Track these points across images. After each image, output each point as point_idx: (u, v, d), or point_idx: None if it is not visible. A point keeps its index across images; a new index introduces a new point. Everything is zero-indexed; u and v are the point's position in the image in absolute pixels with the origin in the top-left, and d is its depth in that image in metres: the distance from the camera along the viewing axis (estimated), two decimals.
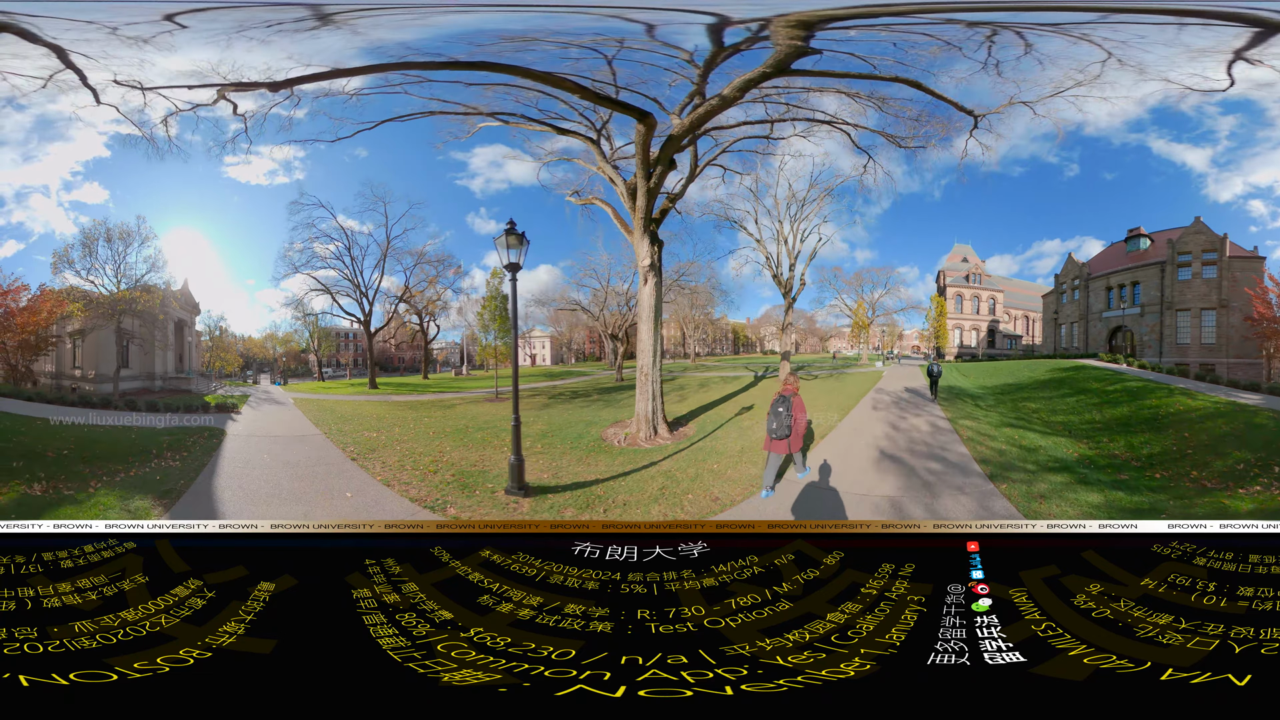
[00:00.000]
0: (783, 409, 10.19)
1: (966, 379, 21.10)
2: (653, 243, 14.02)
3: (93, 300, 13.89)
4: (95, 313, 14.09)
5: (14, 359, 13.59)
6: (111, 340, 14.76)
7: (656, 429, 13.36)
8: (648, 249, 13.85)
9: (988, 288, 24.11)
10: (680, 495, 10.74)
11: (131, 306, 14.39)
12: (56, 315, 13.69)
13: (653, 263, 13.97)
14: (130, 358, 15.29)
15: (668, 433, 13.55)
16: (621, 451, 12.57)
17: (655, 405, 13.35)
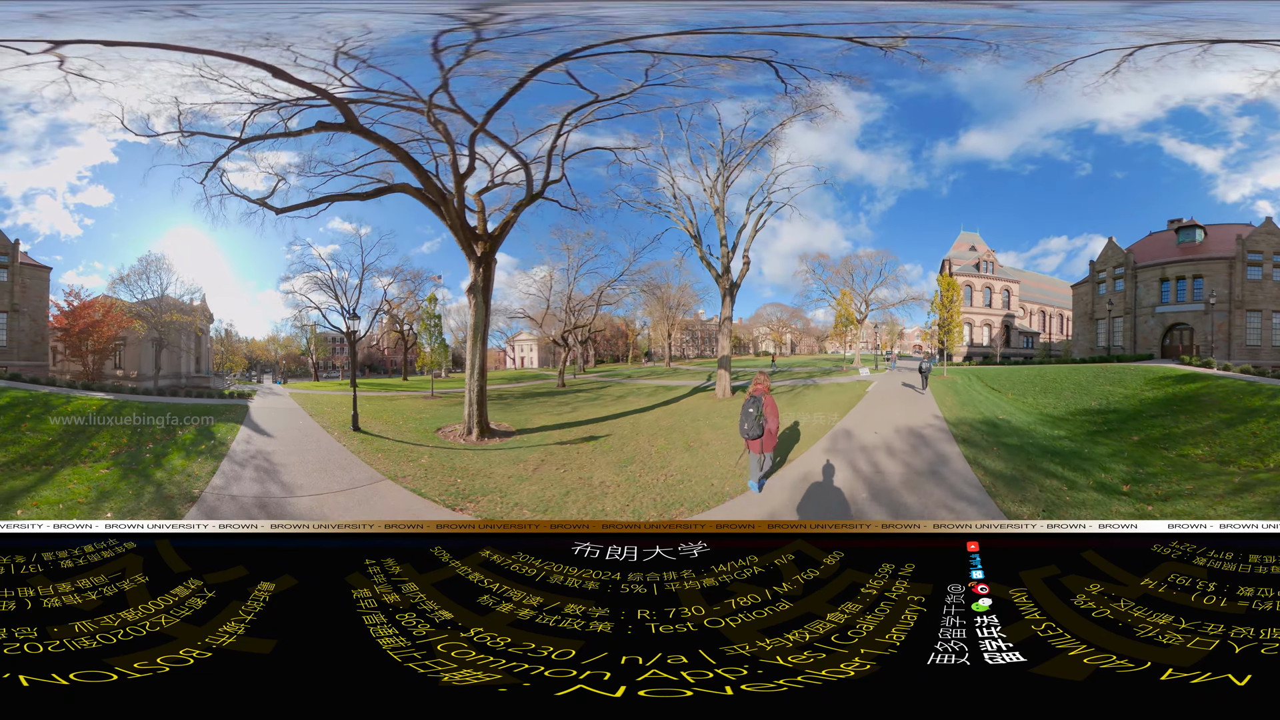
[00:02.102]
0: (753, 409, 10.19)
1: (1001, 397, 16.68)
2: (477, 265, 15.01)
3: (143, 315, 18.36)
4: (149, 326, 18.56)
5: (90, 362, 17.54)
6: (149, 346, 18.96)
7: (471, 430, 14.80)
8: (471, 270, 15.06)
9: (1001, 277, 20.55)
10: (426, 477, 12.13)
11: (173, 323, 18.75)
12: (125, 327, 18.09)
13: (474, 284, 15.03)
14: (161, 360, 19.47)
15: (478, 436, 14.75)
16: (440, 442, 14.44)
17: (472, 411, 14.89)
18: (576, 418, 17.01)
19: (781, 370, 24.26)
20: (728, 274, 19.02)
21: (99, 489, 10.21)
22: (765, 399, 10.32)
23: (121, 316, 17.89)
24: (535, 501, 10.96)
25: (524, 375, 25.87)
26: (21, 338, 17.34)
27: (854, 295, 21.13)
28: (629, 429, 15.35)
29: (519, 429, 15.37)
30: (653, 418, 16.69)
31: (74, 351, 17.66)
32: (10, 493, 9.74)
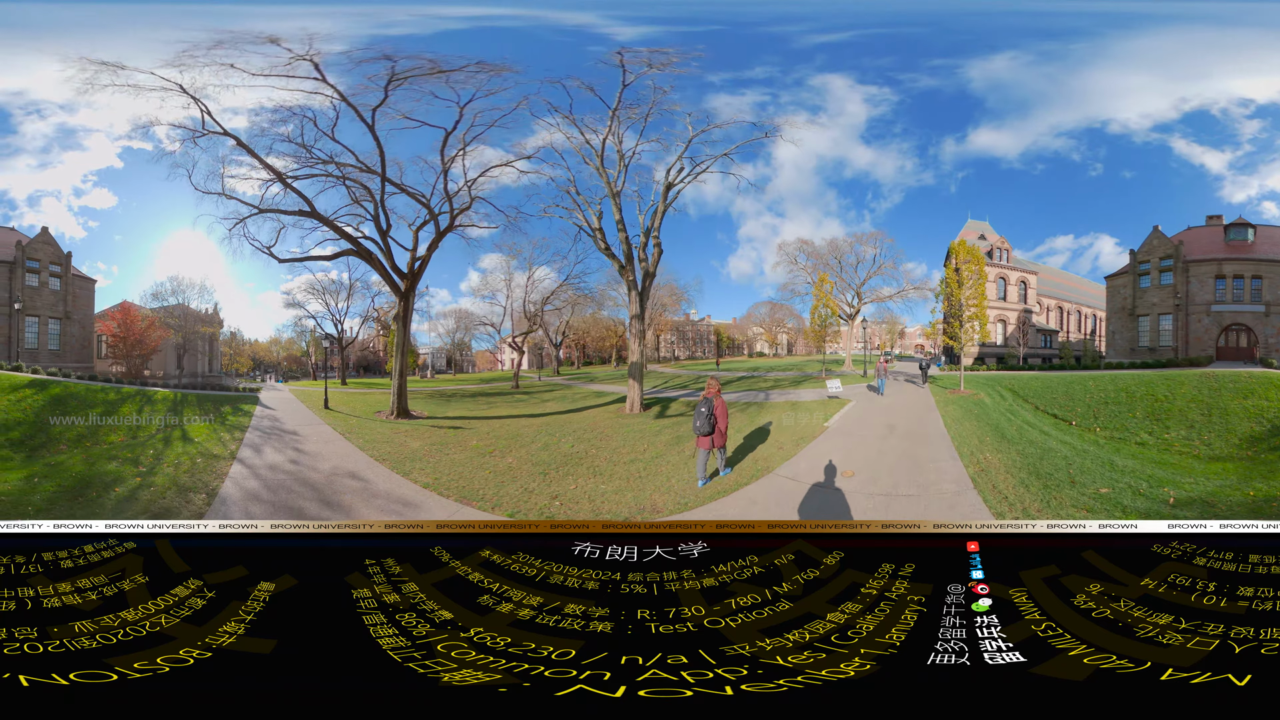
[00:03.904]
0: (705, 409, 11.23)
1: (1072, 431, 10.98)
2: (401, 298, 19.14)
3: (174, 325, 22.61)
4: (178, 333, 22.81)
5: (134, 364, 21.44)
6: (171, 350, 22.92)
7: (393, 412, 19.31)
8: (397, 303, 19.35)
9: (1018, 267, 17.67)
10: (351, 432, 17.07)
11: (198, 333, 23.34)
12: (164, 336, 22.34)
13: (398, 314, 19.36)
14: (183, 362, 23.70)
15: (395, 417, 19.14)
16: (372, 418, 19.41)
17: (394, 400, 19.40)
18: (481, 413, 20.47)
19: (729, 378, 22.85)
20: (631, 264, 18.17)
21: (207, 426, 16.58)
22: (716, 401, 11.35)
23: (161, 327, 22.20)
24: (397, 451, 14.97)
25: (496, 377, 29.13)
26: (72, 342, 20.73)
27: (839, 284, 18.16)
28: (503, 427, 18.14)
29: (430, 415, 19.62)
30: (538, 423, 18.72)
31: (121, 356, 21.45)
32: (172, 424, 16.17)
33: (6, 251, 19.76)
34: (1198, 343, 16.10)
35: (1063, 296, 18.83)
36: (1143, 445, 10.26)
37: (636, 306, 18.59)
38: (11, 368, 18.02)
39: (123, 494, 11.41)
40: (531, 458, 14.14)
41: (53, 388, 16.87)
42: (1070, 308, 19.02)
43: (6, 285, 19.48)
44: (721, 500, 10.85)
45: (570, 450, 14.56)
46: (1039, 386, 13.10)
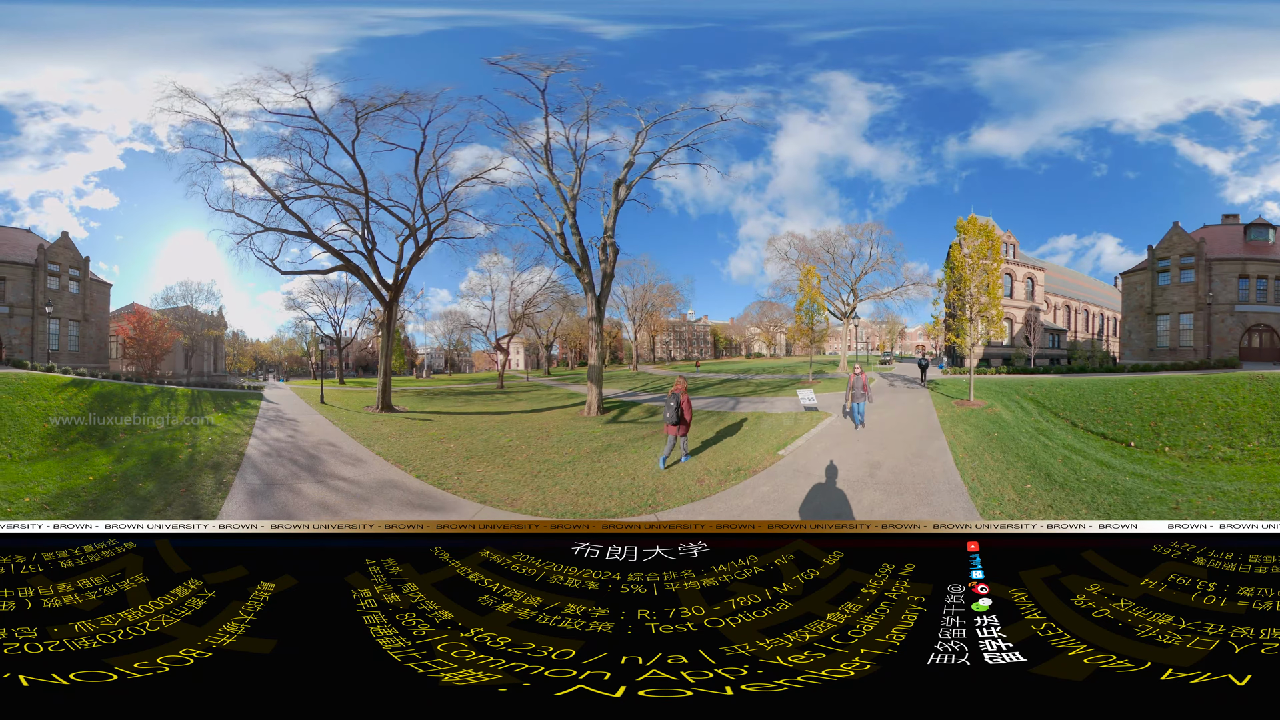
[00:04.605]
0: (673, 403, 12.97)
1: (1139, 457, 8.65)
2: (385, 308, 21.30)
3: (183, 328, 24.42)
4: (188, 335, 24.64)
5: (148, 365, 23.06)
6: (180, 351, 24.68)
7: (378, 406, 21.15)
8: (381, 311, 21.70)
9: (1025, 262, 17.00)
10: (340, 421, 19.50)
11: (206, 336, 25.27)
12: (175, 338, 24.07)
13: (382, 321, 21.63)
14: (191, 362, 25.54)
15: (380, 410, 20.98)
16: (361, 411, 21.50)
17: (379, 395, 21.37)
18: (454, 409, 22.33)
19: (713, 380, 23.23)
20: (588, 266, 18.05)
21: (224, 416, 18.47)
22: (682, 396, 13.09)
23: (172, 330, 24.02)
24: (369, 433, 17.52)
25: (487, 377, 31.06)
26: (90, 343, 22.08)
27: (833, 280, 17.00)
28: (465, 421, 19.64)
29: (410, 410, 21.81)
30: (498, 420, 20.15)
31: (136, 357, 23.19)
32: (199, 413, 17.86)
33: (28, 254, 20.65)
34: (1221, 343, 15.60)
35: (1070, 294, 18.20)
36: (1230, 461, 8.47)
37: (594, 309, 18.46)
38: (44, 369, 19.36)
39: (185, 458, 14.15)
40: (468, 445, 16.06)
41: (93, 386, 18.69)
42: (1078, 306, 18.47)
43: (28, 288, 20.52)
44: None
45: (504, 444, 16.12)
46: (1066, 395, 11.09)
